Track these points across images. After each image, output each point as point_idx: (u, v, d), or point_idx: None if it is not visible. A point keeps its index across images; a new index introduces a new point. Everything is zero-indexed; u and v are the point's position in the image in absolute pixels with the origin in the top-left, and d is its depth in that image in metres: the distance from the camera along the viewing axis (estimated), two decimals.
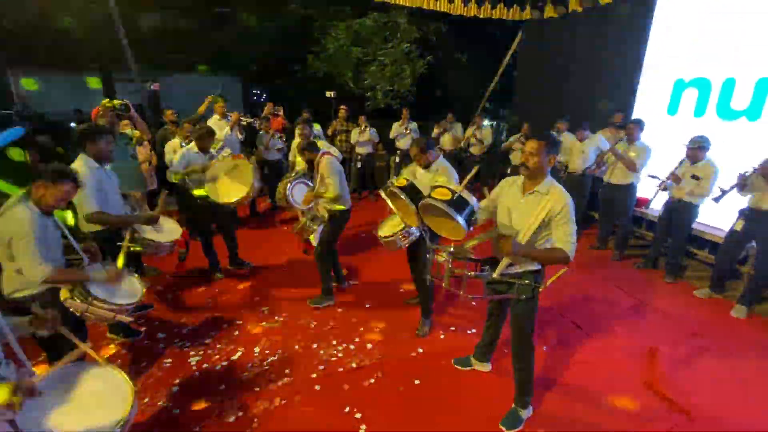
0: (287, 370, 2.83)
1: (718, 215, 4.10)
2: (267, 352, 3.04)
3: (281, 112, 6.99)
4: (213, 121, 5.15)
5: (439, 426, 2.41)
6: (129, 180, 3.90)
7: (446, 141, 7.33)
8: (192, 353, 3.03)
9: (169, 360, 2.96)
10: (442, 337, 3.28)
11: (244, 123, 5.20)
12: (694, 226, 4.29)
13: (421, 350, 3.10)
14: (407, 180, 2.43)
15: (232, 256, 4.32)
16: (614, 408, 2.56)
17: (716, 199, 3.63)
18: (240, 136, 5.36)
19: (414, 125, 7.19)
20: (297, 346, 3.11)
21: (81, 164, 2.70)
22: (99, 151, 2.80)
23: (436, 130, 7.34)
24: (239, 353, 3.02)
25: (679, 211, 4.12)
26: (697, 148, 3.89)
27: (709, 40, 4.55)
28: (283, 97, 10.05)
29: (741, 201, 3.61)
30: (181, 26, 11.06)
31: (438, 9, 6.80)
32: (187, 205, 4.22)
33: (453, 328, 3.39)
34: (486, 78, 9.07)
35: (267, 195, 6.56)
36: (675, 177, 4.03)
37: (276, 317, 3.50)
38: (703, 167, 3.89)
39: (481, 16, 7.11)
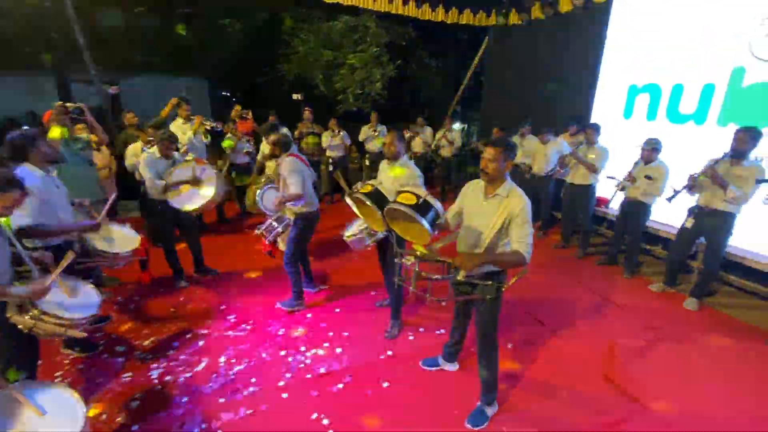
0: (253, 379, 2.78)
1: (671, 213, 4.35)
2: (233, 361, 2.97)
3: (250, 116, 6.86)
4: (176, 125, 4.99)
5: (406, 426, 2.42)
6: (86, 187, 3.71)
7: (417, 144, 7.43)
8: (153, 366, 2.92)
9: (129, 374, 2.84)
10: (411, 338, 3.31)
11: (208, 126, 5.05)
12: (648, 224, 4.54)
13: (390, 353, 3.12)
14: (372, 186, 2.45)
15: (197, 263, 4.20)
16: (575, 401, 2.66)
17: (669, 199, 3.84)
18: (205, 140, 5.22)
19: (383, 128, 7.24)
20: (264, 354, 3.06)
21: (25, 176, 2.53)
22: (46, 155, 2.63)
23: (406, 135, 7.42)
24: (203, 364, 2.94)
25: (634, 211, 4.35)
26: (651, 150, 4.13)
27: (659, 48, 4.83)
28: (254, 100, 9.87)
29: (691, 200, 3.84)
30: (143, 25, 10.66)
31: (406, 14, 6.89)
32: (149, 212, 4.07)
33: (422, 329, 3.43)
34: (456, 82, 9.25)
35: (235, 200, 6.42)
36: (631, 177, 4.25)
37: (243, 325, 3.43)
38: (655, 168, 4.13)
39: (449, 22, 7.27)
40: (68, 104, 3.79)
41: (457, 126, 10.58)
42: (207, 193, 3.62)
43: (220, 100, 12.46)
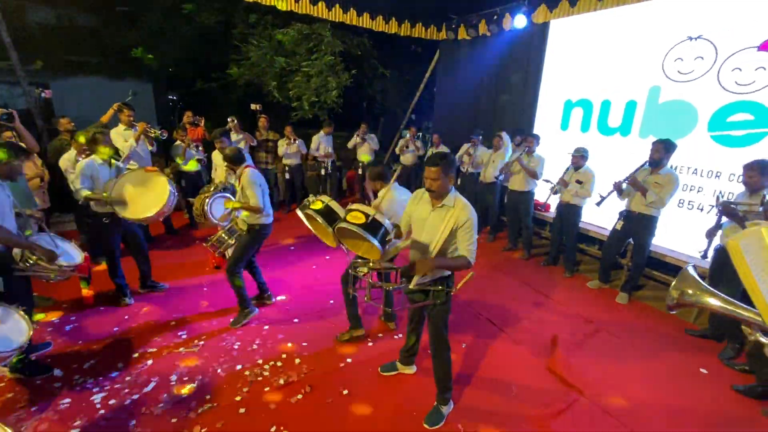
0: (208, 396, 2.70)
1: (604, 216, 4.79)
2: (185, 379, 2.86)
3: (202, 123, 6.63)
4: (117, 131, 4.71)
5: (367, 430, 2.48)
6: (16, 198, 3.41)
7: (363, 151, 7.49)
8: (95, 390, 2.74)
9: (68, 400, 2.64)
10: (369, 344, 3.37)
11: (152, 134, 4.82)
12: (585, 226, 4.97)
13: (349, 360, 3.15)
14: (323, 202, 2.49)
15: (143, 278, 3.98)
16: (523, 394, 2.85)
17: (598, 204, 4.25)
18: (151, 148, 4.97)
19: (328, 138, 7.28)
20: (219, 370, 2.97)
21: None
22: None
23: (351, 142, 7.52)
24: (152, 384, 2.80)
25: (568, 213, 4.78)
26: (579, 157, 4.60)
27: (590, 67, 5.33)
28: (206, 105, 9.49)
29: (621, 204, 4.25)
30: (80, 24, 9.93)
31: (360, 24, 7.02)
32: (89, 224, 3.80)
33: (380, 335, 3.50)
34: (411, 92, 9.51)
35: (185, 210, 6.15)
36: (563, 182, 4.69)
37: (195, 341, 3.30)
38: (584, 173, 4.60)
39: (402, 34, 7.50)
40: None
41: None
42: (156, 202, 3.44)
43: (166, 105, 11.87)
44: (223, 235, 3.68)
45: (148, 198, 3.40)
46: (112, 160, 3.52)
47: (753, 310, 0.74)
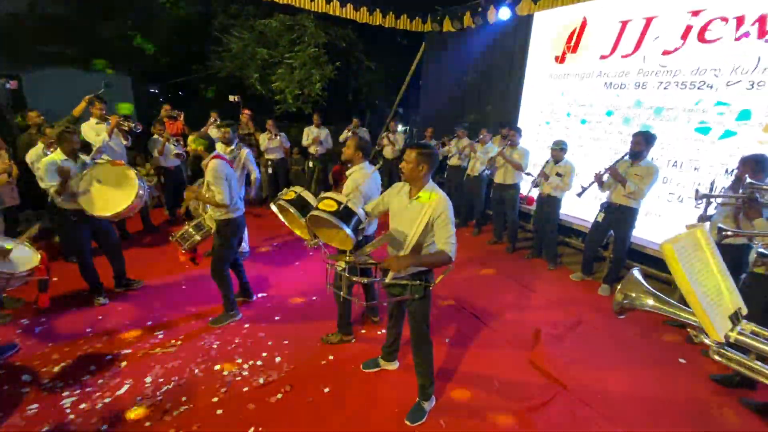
0: (184, 398, 2.62)
1: (588, 209, 4.81)
2: (161, 381, 2.77)
3: (181, 117, 6.44)
4: (89, 125, 4.53)
5: (348, 428, 2.43)
6: None
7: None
8: (66, 394, 2.63)
9: (35, 405, 2.53)
10: (352, 341, 3.32)
11: (125, 127, 4.65)
12: (568, 218, 4.99)
13: (331, 357, 3.11)
14: (295, 192, 2.41)
15: (117, 276, 3.85)
16: (505, 389, 2.84)
17: (579, 194, 4.27)
18: (125, 142, 4.80)
19: (326, 131, 7.18)
20: (197, 370, 2.89)
21: None
22: None
23: (343, 136, 7.42)
24: (126, 386, 2.71)
25: (548, 205, 4.79)
26: (559, 150, 4.59)
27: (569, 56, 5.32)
28: (187, 98, 9.26)
29: (603, 197, 4.27)
30: (52, 12, 9.54)
31: (344, 15, 6.89)
32: (60, 223, 3.65)
33: (363, 331, 3.46)
34: (398, 84, 9.41)
35: (164, 206, 5.99)
36: (544, 174, 4.70)
37: (172, 341, 3.21)
38: (564, 166, 4.60)
39: (387, 26, 7.39)
40: None
41: (400, 128, 10.78)
42: (125, 197, 3.31)
43: (147, 97, 11.53)
44: (191, 229, 3.49)
45: (116, 193, 3.27)
46: (79, 156, 3.37)
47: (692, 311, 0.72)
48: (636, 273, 0.78)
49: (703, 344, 0.71)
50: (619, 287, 0.78)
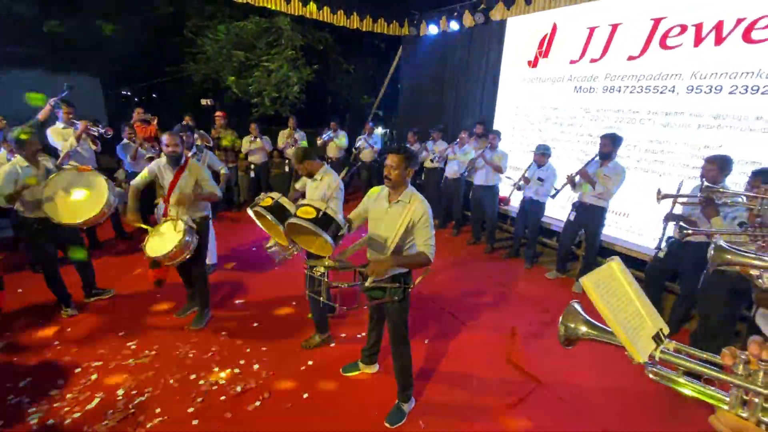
0: (158, 410, 2.55)
1: (565, 211, 4.95)
2: (134, 392, 2.69)
3: (155, 121, 6.27)
4: (56, 130, 4.36)
5: None
6: None
7: (332, 149, 7.42)
8: (32, 410, 2.52)
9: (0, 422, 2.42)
10: (332, 345, 3.31)
11: (95, 133, 4.50)
12: (545, 219, 5.11)
13: (311, 362, 3.09)
14: (273, 199, 2.40)
15: (86, 286, 3.71)
16: (483, 387, 2.90)
17: (552, 196, 4.40)
18: (94, 147, 4.64)
19: (302, 133, 7.13)
20: (172, 381, 2.82)
21: None
22: None
23: (319, 140, 7.40)
24: (97, 400, 2.62)
25: (531, 208, 4.89)
26: (541, 155, 4.67)
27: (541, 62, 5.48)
28: (161, 102, 9.02)
29: (575, 196, 4.40)
30: (19, 12, 9.12)
31: (321, 19, 6.88)
32: (25, 232, 3.48)
33: (344, 335, 3.45)
34: (376, 87, 9.46)
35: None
36: (525, 179, 4.77)
37: (146, 351, 3.12)
38: (545, 170, 4.69)
39: (364, 29, 7.42)
40: None
41: (379, 131, 10.82)
42: (95, 204, 3.19)
43: (117, 101, 11.18)
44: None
45: (84, 200, 3.15)
46: (40, 162, 3.24)
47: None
48: (575, 305, 0.83)
49: (639, 364, 0.77)
50: (560, 319, 0.82)
